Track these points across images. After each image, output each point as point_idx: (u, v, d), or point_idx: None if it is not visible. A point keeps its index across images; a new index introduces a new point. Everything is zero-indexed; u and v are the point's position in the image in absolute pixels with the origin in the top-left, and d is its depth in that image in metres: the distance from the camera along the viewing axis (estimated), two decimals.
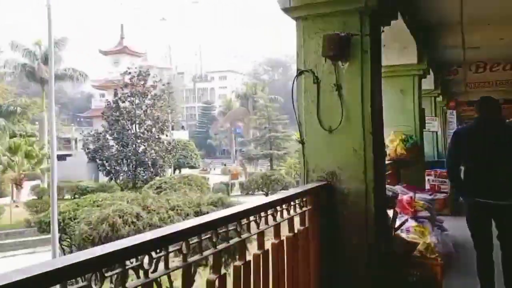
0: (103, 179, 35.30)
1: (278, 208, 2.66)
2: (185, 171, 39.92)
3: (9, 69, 40.96)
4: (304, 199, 3.03)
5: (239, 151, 59.87)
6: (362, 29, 3.18)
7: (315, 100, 3.31)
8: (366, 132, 3.17)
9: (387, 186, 3.79)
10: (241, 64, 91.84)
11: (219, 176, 41.72)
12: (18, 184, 32.94)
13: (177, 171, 40.97)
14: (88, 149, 35.34)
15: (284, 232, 2.77)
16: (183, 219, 10.00)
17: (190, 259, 1.75)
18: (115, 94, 34.75)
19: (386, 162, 5.33)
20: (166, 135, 35.78)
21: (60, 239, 15.16)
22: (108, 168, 34.06)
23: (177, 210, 10.53)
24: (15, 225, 24.88)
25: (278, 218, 2.65)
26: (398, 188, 4.75)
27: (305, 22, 3.35)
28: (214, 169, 52.18)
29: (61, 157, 42.79)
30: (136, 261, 1.47)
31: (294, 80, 3.42)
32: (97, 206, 14.25)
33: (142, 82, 35.27)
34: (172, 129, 47.99)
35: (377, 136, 3.28)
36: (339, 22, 3.21)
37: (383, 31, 3.54)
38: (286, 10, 3.39)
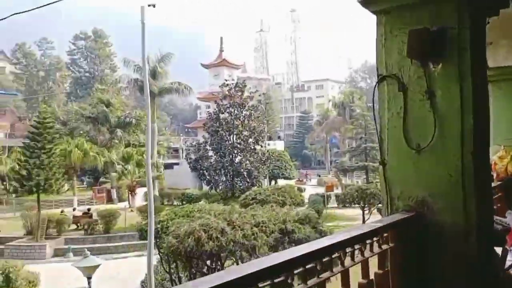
0: (206, 187, 36.72)
1: (348, 249, 2.12)
2: (281, 182, 39.87)
3: (124, 84, 44.74)
4: (385, 234, 2.46)
5: (334, 162, 58.44)
6: (459, 21, 2.52)
7: (400, 111, 2.72)
8: (466, 151, 2.51)
9: (495, 217, 3.02)
10: (337, 71, 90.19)
11: (314, 188, 41.06)
12: (131, 190, 35.93)
13: (272, 182, 41.07)
14: (190, 159, 37.02)
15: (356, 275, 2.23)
16: (267, 237, 9.66)
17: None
18: (217, 106, 35.90)
19: (494, 184, 4.45)
20: (261, 146, 36.02)
21: (159, 247, 15.68)
22: (208, 177, 35.34)
23: (261, 226, 10.17)
24: (128, 228, 26.90)
25: (347, 261, 2.11)
26: (510, 217, 3.87)
27: (387, 17, 2.77)
28: (310, 180, 51.45)
29: (168, 166, 45.62)
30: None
31: (374, 88, 2.87)
32: (192, 216, 14.49)
33: (239, 93, 36.02)
34: (270, 139, 48.37)
35: (480, 157, 2.59)
36: (430, 14, 2.59)
37: (488, 23, 2.80)
38: (365, 3, 2.82)
